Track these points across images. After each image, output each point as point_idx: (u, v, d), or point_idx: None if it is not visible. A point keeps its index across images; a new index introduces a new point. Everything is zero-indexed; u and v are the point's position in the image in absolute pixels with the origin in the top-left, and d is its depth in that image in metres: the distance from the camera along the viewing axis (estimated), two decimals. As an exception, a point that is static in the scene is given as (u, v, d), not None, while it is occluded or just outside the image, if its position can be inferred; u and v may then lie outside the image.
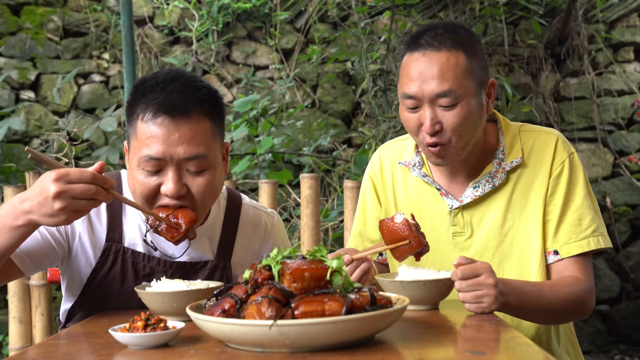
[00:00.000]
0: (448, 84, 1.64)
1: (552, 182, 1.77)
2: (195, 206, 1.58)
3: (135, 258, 1.68)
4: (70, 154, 3.17)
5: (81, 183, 1.35)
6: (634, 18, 5.36)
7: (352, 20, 4.84)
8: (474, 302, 1.45)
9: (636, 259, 5.05)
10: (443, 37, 1.68)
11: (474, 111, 1.68)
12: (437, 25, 1.74)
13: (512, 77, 5.19)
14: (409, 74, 1.69)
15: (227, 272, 1.75)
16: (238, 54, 5.06)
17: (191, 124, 1.52)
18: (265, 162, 4.08)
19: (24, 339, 2.74)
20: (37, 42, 4.66)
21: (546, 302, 1.63)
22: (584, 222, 1.74)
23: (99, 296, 1.69)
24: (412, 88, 1.67)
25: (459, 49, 1.67)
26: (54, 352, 1.25)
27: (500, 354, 1.13)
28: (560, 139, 1.82)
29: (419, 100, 1.68)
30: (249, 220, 1.83)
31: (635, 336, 4.89)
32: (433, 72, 1.65)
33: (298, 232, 3.65)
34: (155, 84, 1.55)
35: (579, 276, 1.72)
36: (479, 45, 1.75)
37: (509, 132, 1.82)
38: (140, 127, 1.53)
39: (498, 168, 1.78)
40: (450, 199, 1.81)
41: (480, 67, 1.71)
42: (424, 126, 1.68)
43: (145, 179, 1.54)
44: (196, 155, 1.53)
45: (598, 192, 5.12)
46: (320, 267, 1.17)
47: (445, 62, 1.65)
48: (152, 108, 1.51)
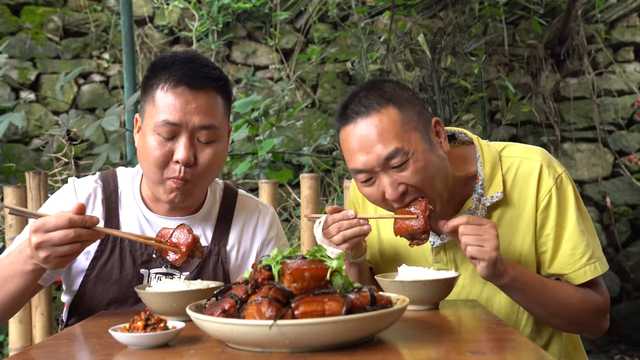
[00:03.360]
0: (392, 143, 1.55)
1: (540, 214, 1.69)
2: (197, 179, 1.68)
3: (132, 246, 1.74)
4: (70, 154, 3.17)
5: (58, 230, 1.41)
6: (634, 18, 5.37)
7: (352, 20, 4.84)
8: (476, 245, 1.45)
9: (636, 259, 5.05)
10: (368, 100, 1.59)
11: (430, 160, 1.58)
12: (360, 88, 1.65)
13: (512, 77, 5.19)
14: (349, 149, 1.60)
15: (221, 256, 1.80)
16: (238, 54, 5.06)
17: (207, 97, 1.66)
18: (265, 162, 4.08)
19: (24, 339, 2.74)
20: (37, 42, 4.66)
21: (549, 295, 1.61)
22: (578, 251, 1.68)
23: (99, 284, 1.74)
24: (358, 162, 1.58)
25: (388, 104, 1.58)
26: (54, 352, 1.25)
27: (500, 354, 1.13)
28: (544, 164, 1.70)
29: (369, 172, 1.59)
30: (245, 208, 1.90)
31: (635, 336, 4.89)
32: (372, 138, 1.56)
33: (298, 232, 3.65)
34: (175, 60, 1.68)
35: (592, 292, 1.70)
36: (409, 91, 1.65)
37: (488, 160, 1.71)
38: (159, 96, 1.65)
39: (477, 204, 1.69)
40: (433, 236, 1.75)
41: (417, 114, 1.61)
42: (387, 194, 1.59)
43: (159, 145, 1.64)
44: (209, 125, 1.66)
45: (598, 192, 5.12)
46: (320, 267, 1.17)
47: (379, 123, 1.56)
48: (173, 79, 1.64)
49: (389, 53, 3.64)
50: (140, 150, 1.70)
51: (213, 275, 1.78)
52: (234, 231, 1.85)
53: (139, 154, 1.71)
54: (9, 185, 2.89)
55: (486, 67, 5.04)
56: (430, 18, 4.59)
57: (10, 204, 2.66)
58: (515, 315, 1.76)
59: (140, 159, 1.71)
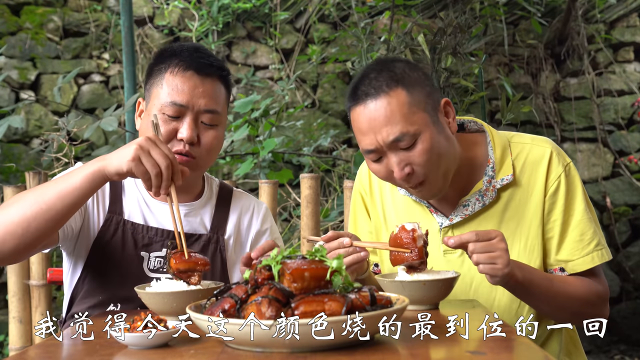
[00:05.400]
0: (398, 126, 1.59)
1: (549, 200, 1.72)
2: (200, 158, 1.77)
3: (134, 229, 1.81)
4: (70, 154, 3.17)
5: (164, 152, 1.53)
6: (634, 18, 5.37)
7: (352, 20, 4.84)
8: (488, 263, 1.46)
9: (636, 259, 5.05)
10: (377, 81, 1.62)
11: (437, 140, 1.62)
12: (371, 68, 1.68)
13: (512, 77, 5.19)
14: (359, 129, 1.65)
15: (220, 245, 1.87)
16: (238, 54, 5.06)
17: (213, 84, 1.78)
18: (265, 162, 4.08)
19: (24, 339, 2.74)
20: (37, 42, 4.66)
21: (554, 291, 1.62)
22: (586, 237, 1.71)
23: (102, 264, 1.80)
24: (368, 142, 1.64)
25: (397, 86, 1.61)
26: (54, 352, 1.25)
27: (500, 354, 1.13)
28: (554, 151, 1.74)
29: (379, 151, 1.64)
30: (240, 201, 1.98)
31: (635, 336, 4.89)
32: (380, 121, 1.60)
33: (298, 232, 3.65)
34: (184, 48, 1.80)
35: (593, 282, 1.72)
36: (419, 72, 1.68)
37: (498, 145, 1.75)
38: (168, 78, 1.76)
39: (488, 186, 1.73)
40: (440, 217, 1.78)
41: (426, 95, 1.64)
42: (394, 173, 1.64)
43: (164, 122, 1.73)
44: (213, 109, 1.76)
45: (598, 192, 5.12)
46: (320, 267, 1.17)
47: (387, 106, 1.60)
48: (183, 64, 1.75)
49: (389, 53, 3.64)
50: (143, 130, 1.80)
51: (211, 262, 1.82)
52: (231, 221, 1.91)
53: (142, 133, 1.80)
54: (9, 185, 2.89)
55: (486, 67, 5.04)
56: (430, 18, 4.59)
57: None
58: (516, 306, 1.77)
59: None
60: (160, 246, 1.81)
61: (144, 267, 1.80)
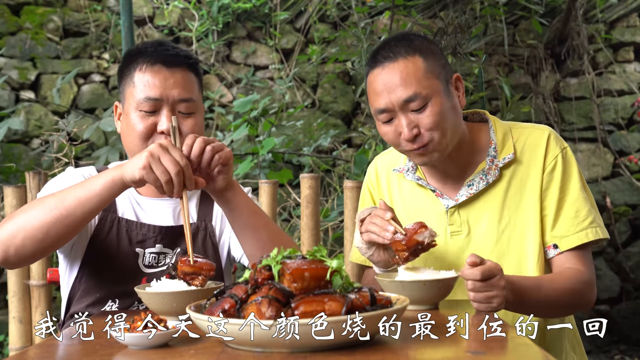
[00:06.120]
0: (412, 88, 1.69)
1: (546, 177, 1.79)
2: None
3: (128, 226, 1.84)
4: (70, 154, 3.18)
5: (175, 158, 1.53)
6: (634, 18, 5.37)
7: (352, 20, 4.83)
8: (485, 302, 1.47)
9: (636, 259, 5.05)
10: (397, 47, 1.74)
11: (445, 107, 1.72)
12: (391, 38, 1.81)
13: (512, 77, 5.19)
14: (375, 90, 1.75)
15: (209, 230, 1.91)
16: (238, 54, 5.06)
17: (182, 73, 1.81)
18: (265, 162, 4.08)
19: (24, 339, 2.74)
20: (37, 42, 4.66)
21: (544, 295, 1.64)
22: (581, 214, 1.77)
23: (98, 262, 1.82)
24: (381, 101, 1.73)
25: (415, 54, 1.73)
26: (54, 352, 1.25)
27: (500, 354, 1.13)
28: (552, 134, 1.83)
29: (390, 111, 1.73)
30: None
31: (635, 336, 4.89)
32: (395, 81, 1.71)
33: (298, 232, 3.65)
34: (148, 46, 1.85)
35: (579, 267, 1.74)
36: (435, 46, 1.80)
37: (500, 129, 1.85)
38: (138, 77, 1.80)
39: (491, 165, 1.81)
40: (446, 199, 1.84)
41: (441, 66, 1.76)
42: (402, 134, 1.72)
43: (142, 119, 1.77)
44: (188, 97, 1.80)
45: (598, 192, 5.12)
46: (320, 267, 1.17)
47: (404, 69, 1.71)
48: (150, 60, 1.79)
49: (389, 53, 3.63)
50: (124, 131, 1.82)
51: (203, 249, 1.88)
52: (215, 207, 1.94)
53: (123, 134, 1.83)
54: (9, 185, 2.89)
55: (486, 67, 5.04)
56: (430, 18, 4.59)
57: (10, 204, 2.66)
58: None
59: (124, 138, 1.83)
60: (154, 242, 1.83)
61: (139, 263, 1.82)
